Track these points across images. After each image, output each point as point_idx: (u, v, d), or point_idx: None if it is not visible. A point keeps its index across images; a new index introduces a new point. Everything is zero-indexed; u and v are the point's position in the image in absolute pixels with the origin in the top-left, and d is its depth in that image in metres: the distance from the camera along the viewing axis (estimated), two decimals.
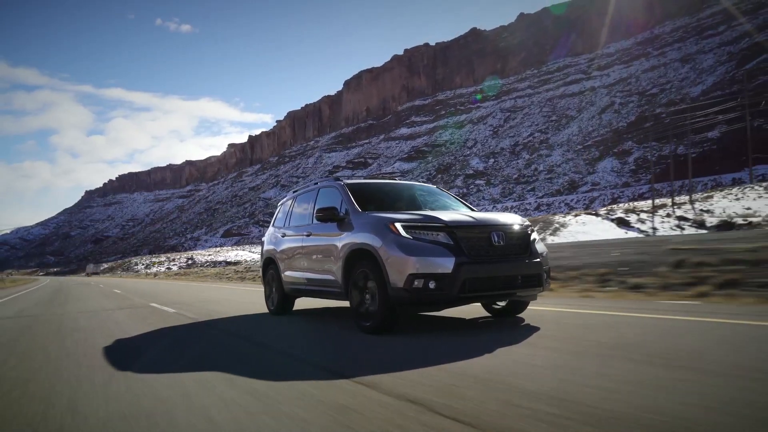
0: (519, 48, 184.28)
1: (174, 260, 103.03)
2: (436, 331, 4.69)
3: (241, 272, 35.40)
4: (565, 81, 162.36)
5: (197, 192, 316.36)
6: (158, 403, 2.65)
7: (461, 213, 4.96)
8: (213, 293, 13.60)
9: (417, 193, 6.19)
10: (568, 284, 8.66)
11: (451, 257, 4.23)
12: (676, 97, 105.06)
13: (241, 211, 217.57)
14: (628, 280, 7.92)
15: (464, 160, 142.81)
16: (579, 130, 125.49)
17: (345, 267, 5.05)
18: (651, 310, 5.25)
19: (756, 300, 5.59)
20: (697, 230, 27.96)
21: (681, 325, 4.32)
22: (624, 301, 6.30)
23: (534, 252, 4.68)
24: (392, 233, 4.47)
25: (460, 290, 4.22)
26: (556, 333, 4.15)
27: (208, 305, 9.22)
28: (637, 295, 6.88)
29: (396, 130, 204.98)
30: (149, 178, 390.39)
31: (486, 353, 3.43)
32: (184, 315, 7.50)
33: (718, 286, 6.57)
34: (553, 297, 7.18)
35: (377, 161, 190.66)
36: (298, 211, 6.64)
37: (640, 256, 10.94)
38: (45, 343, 5.29)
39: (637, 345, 3.47)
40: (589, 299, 6.80)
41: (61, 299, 13.88)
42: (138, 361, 4.02)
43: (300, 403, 2.50)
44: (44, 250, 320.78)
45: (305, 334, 5.20)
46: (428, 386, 2.68)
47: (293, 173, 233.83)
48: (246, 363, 3.70)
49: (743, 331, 3.92)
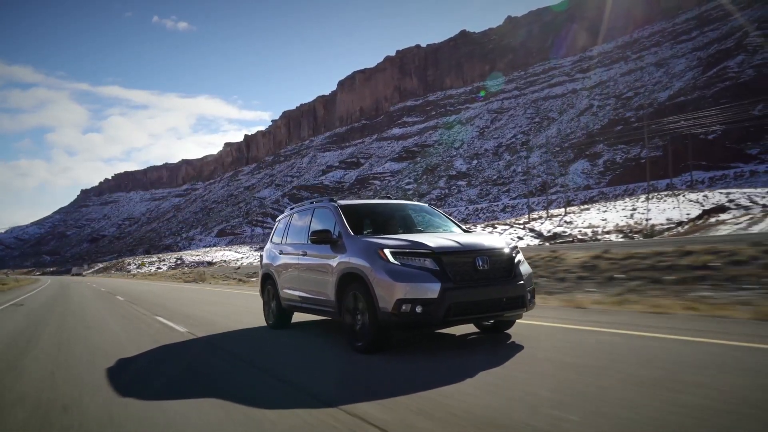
0: (506, 50, 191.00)
1: (164, 260, 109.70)
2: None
3: (198, 274, 41.67)
4: (550, 83, 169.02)
5: (194, 191, 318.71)
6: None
7: (448, 237, 5.15)
8: (147, 287, 20.17)
9: (409, 212, 6.47)
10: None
11: (437, 282, 4.45)
12: (645, 102, 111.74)
13: (236, 211, 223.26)
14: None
15: (450, 161, 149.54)
16: (558, 132, 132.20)
17: (338, 288, 5.25)
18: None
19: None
20: (529, 242, 34.63)
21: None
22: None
23: (517, 274, 4.89)
24: (381, 259, 4.69)
25: (446, 314, 4.45)
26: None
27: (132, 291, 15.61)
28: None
29: (388, 131, 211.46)
30: (146, 177, 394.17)
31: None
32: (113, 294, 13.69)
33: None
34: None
35: (369, 161, 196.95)
36: (295, 229, 6.86)
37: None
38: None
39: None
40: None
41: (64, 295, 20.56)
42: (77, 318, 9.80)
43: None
44: (40, 250, 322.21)
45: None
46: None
47: (288, 173, 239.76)
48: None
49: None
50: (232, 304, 12.66)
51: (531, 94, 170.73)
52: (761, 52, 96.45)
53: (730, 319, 5.63)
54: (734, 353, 4.07)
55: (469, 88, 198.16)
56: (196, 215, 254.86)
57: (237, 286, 23.10)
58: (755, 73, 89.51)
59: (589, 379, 3.48)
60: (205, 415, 3.26)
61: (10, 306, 15.86)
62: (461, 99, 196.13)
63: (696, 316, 5.96)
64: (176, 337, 6.87)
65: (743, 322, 5.46)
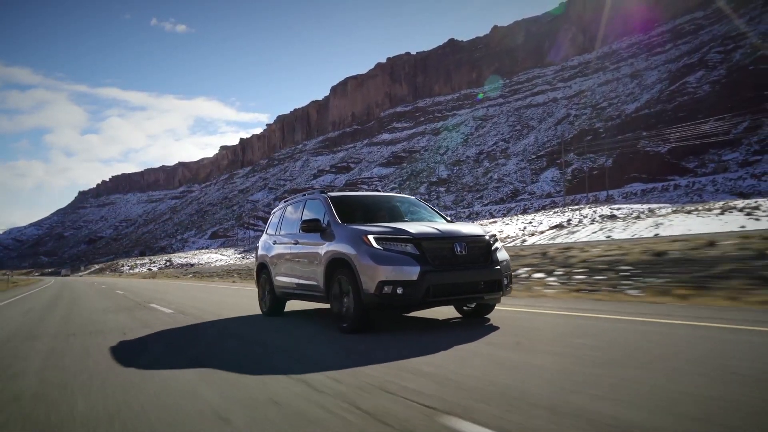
0: (492, 58, 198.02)
1: (155, 262, 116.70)
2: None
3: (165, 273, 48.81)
4: (533, 91, 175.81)
5: (190, 193, 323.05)
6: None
7: (429, 225, 5.53)
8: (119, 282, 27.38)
9: (396, 204, 6.86)
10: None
11: (417, 266, 4.83)
12: (613, 113, 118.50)
13: (230, 214, 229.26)
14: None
15: (433, 167, 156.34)
16: (535, 140, 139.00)
17: (326, 273, 5.65)
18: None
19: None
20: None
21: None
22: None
23: (495, 260, 5.26)
24: (365, 244, 5.07)
25: (425, 295, 4.82)
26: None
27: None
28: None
29: (378, 136, 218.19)
30: (143, 179, 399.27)
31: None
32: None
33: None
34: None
35: (359, 166, 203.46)
36: (288, 220, 7.30)
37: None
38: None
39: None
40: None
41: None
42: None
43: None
44: (38, 251, 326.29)
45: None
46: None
47: (281, 176, 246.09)
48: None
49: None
50: (169, 292, 19.49)
51: (515, 102, 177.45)
52: (719, 69, 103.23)
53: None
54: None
55: (456, 95, 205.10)
56: (191, 217, 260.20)
57: (196, 281, 29.95)
58: (710, 89, 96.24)
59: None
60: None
61: (40, 290, 25.98)
62: (449, 106, 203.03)
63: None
64: (125, 301, 13.69)
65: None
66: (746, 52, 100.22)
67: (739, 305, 5.97)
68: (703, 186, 65.22)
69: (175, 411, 2.96)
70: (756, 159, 67.47)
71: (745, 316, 5.13)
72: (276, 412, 2.78)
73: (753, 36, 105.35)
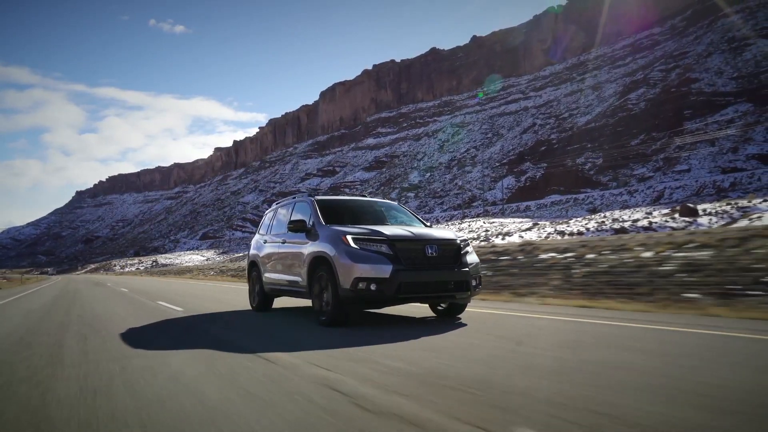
0: (471, 67, 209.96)
1: (142, 263, 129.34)
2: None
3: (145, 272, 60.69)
4: (506, 100, 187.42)
5: (185, 194, 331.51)
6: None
7: (405, 228, 6.12)
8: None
9: (378, 208, 7.48)
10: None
11: (390, 265, 5.39)
12: (567, 125, 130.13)
13: (221, 215, 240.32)
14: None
15: (408, 172, 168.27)
16: (501, 149, 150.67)
17: (309, 271, 6.22)
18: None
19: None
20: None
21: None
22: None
23: (464, 263, 5.86)
24: (344, 244, 5.63)
25: (397, 291, 5.38)
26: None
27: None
28: None
29: (363, 140, 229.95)
30: (139, 179, 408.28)
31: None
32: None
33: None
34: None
35: (344, 169, 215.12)
36: (278, 221, 7.92)
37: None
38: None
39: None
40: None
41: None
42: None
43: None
44: (36, 250, 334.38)
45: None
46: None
47: (271, 178, 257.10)
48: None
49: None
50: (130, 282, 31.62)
51: (490, 109, 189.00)
52: (657, 87, 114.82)
53: None
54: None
55: (437, 102, 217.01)
56: (185, 218, 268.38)
57: (160, 277, 41.99)
58: (644, 107, 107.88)
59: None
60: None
61: (53, 283, 37.07)
62: (430, 112, 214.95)
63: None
64: (113, 291, 25.77)
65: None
66: (682, 71, 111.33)
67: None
68: (593, 200, 76.68)
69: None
70: (650, 176, 79.08)
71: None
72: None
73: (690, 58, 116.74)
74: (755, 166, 67.74)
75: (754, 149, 71.76)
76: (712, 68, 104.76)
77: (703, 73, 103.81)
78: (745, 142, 73.46)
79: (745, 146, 72.79)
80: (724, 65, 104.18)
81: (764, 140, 72.64)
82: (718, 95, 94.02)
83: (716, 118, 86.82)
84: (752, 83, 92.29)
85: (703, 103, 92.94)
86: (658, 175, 76.94)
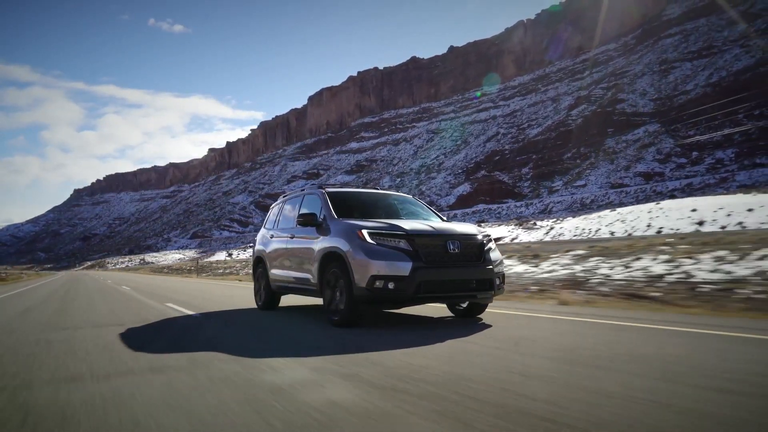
0: (448, 76, 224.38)
1: (132, 261, 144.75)
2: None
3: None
4: (478, 108, 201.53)
5: (180, 193, 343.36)
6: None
7: (424, 222, 5.78)
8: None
9: (392, 201, 7.14)
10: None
11: (409, 262, 5.03)
12: (520, 136, 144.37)
13: (212, 215, 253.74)
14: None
15: (382, 177, 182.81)
16: (465, 156, 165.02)
17: (320, 267, 5.85)
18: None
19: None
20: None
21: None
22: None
23: (487, 259, 5.48)
24: (359, 239, 5.28)
25: (416, 291, 5.01)
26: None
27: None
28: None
29: (347, 144, 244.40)
30: (135, 178, 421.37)
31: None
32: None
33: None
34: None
35: (328, 172, 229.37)
36: (285, 215, 7.57)
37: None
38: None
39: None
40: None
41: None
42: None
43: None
44: (35, 247, 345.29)
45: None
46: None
47: (261, 180, 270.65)
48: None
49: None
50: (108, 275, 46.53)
51: (463, 117, 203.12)
52: (597, 104, 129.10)
53: None
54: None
55: (417, 108, 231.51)
56: (179, 217, 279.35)
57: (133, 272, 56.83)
58: (581, 122, 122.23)
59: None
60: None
61: (60, 276, 52.35)
62: (409, 118, 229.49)
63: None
64: (100, 284, 40.61)
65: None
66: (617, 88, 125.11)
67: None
68: (515, 210, 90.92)
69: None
70: (556, 189, 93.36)
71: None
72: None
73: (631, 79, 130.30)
74: (638, 183, 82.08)
75: (642, 167, 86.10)
76: (638, 89, 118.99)
77: (629, 94, 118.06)
78: (638, 161, 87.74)
79: (636, 165, 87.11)
80: (649, 87, 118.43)
81: (653, 159, 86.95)
82: (636, 115, 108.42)
83: (629, 137, 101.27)
84: (665, 105, 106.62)
85: (623, 123, 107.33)
86: (563, 188, 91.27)
